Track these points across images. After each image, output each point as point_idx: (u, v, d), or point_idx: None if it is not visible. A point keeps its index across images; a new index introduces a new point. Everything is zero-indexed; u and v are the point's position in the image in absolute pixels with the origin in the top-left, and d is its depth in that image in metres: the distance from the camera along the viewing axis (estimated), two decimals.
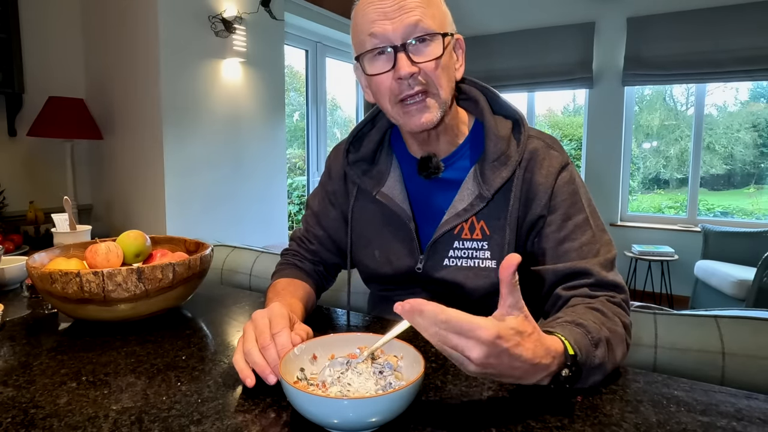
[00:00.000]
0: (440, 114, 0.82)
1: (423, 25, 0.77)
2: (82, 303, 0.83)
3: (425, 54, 0.79)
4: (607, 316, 0.72)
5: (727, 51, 3.76)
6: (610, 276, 0.79)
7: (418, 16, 0.77)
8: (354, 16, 0.84)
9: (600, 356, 0.65)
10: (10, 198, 2.50)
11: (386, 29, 0.77)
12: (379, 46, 0.79)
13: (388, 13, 0.77)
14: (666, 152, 4.43)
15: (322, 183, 1.05)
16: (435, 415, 0.58)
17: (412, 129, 0.83)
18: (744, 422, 0.57)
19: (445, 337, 0.52)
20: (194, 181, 2.82)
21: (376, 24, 0.78)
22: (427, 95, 0.80)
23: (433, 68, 0.79)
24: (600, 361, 0.65)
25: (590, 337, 0.65)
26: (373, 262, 0.96)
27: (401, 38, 0.78)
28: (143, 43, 2.62)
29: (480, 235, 0.87)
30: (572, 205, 0.83)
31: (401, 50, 0.78)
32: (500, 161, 0.85)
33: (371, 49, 0.80)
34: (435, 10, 0.80)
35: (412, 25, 0.77)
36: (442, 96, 0.81)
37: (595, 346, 0.65)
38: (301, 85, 4.23)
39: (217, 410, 0.59)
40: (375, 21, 0.78)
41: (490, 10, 4.59)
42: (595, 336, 0.66)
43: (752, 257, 3.24)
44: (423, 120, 0.81)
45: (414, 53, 0.78)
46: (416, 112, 0.81)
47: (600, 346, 0.65)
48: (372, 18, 0.78)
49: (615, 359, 0.68)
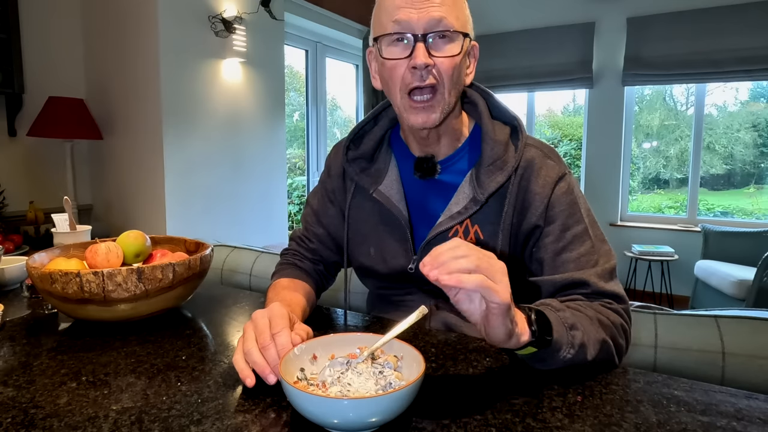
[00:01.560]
0: (442, 116, 0.83)
1: (446, 22, 0.78)
2: (82, 303, 0.83)
3: (443, 50, 0.79)
4: (583, 306, 0.74)
5: (727, 51, 3.75)
6: (608, 286, 0.79)
7: (443, 13, 0.78)
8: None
9: (569, 318, 0.68)
10: (10, 198, 2.50)
11: (411, 17, 0.78)
12: (400, 32, 0.79)
13: (415, 2, 0.78)
14: (666, 152, 4.43)
15: (322, 181, 1.05)
16: (435, 414, 0.58)
17: (414, 125, 0.84)
18: (744, 422, 0.57)
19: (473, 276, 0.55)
20: (194, 181, 2.82)
21: (402, 11, 0.78)
22: (435, 93, 0.81)
23: (448, 66, 0.80)
24: (572, 322, 0.67)
25: (551, 307, 0.70)
26: (368, 259, 0.96)
27: (423, 29, 0.78)
28: (143, 43, 2.62)
29: (474, 240, 0.87)
30: (570, 216, 0.83)
31: (421, 40, 0.78)
32: (496, 166, 0.85)
33: (392, 33, 0.80)
34: (460, 12, 0.81)
35: (436, 20, 0.78)
36: (447, 98, 0.82)
37: (558, 310, 0.69)
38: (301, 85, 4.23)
39: (217, 410, 0.59)
40: (401, 7, 0.78)
41: (490, 10, 4.58)
42: (557, 306, 0.70)
43: (752, 257, 3.24)
44: (425, 119, 0.82)
45: (432, 47, 0.79)
46: (421, 110, 0.82)
47: (565, 312, 0.69)
48: (398, 3, 0.79)
49: (595, 334, 0.70)
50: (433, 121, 0.82)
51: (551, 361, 0.67)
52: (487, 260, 0.57)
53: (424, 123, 0.82)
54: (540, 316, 0.65)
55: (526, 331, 0.62)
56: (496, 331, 0.59)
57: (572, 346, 0.66)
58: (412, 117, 0.83)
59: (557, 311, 0.69)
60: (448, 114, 0.84)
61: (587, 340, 0.68)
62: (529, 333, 0.63)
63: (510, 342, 0.61)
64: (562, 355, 0.66)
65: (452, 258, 0.56)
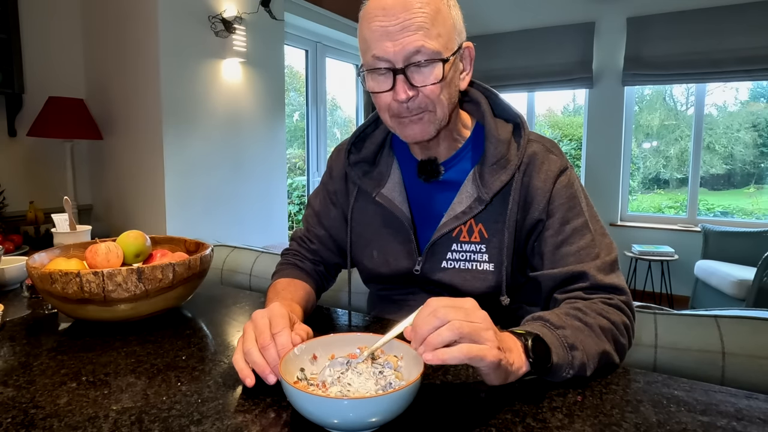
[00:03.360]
0: (435, 129, 0.83)
1: (426, 50, 0.76)
2: (82, 303, 0.83)
3: (426, 77, 0.78)
4: (583, 311, 0.73)
5: (727, 51, 3.75)
6: (607, 279, 0.78)
7: (421, 42, 0.75)
8: (360, 22, 0.82)
9: (570, 336, 0.67)
10: (10, 198, 2.50)
11: (387, 51, 0.76)
12: (379, 67, 0.79)
13: (391, 33, 0.76)
14: (666, 152, 4.43)
15: (324, 182, 1.05)
16: (435, 415, 0.58)
17: (407, 140, 0.85)
18: (744, 422, 0.57)
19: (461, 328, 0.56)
20: (194, 181, 2.82)
21: (379, 45, 0.77)
22: (424, 112, 0.80)
23: (433, 91, 0.78)
24: (572, 341, 0.66)
25: (549, 323, 0.69)
26: (371, 262, 0.96)
27: (402, 62, 0.77)
28: (143, 43, 2.62)
29: (478, 238, 0.87)
30: (570, 209, 0.83)
31: (401, 73, 0.77)
32: (499, 164, 0.85)
33: (372, 69, 0.80)
34: (441, 27, 0.77)
35: (413, 51, 0.75)
36: (439, 114, 0.81)
37: (556, 328, 0.68)
38: (301, 85, 4.23)
39: (217, 410, 0.59)
40: (377, 41, 0.77)
41: (490, 10, 4.58)
42: (555, 322, 0.69)
43: (752, 257, 3.24)
44: (417, 133, 0.82)
45: (414, 77, 0.78)
46: (411, 124, 0.81)
47: (564, 329, 0.68)
48: (375, 36, 0.77)
49: (594, 347, 0.69)
50: (427, 134, 0.82)
51: (550, 378, 0.67)
52: (468, 320, 0.57)
53: (416, 136, 0.82)
54: (537, 342, 0.64)
55: (524, 364, 0.62)
56: (490, 379, 0.60)
57: (572, 367, 0.66)
58: (404, 133, 0.83)
59: (556, 329, 0.68)
60: (443, 126, 0.84)
61: (587, 358, 0.67)
62: (527, 364, 0.63)
63: (509, 380, 0.62)
64: (561, 375, 0.66)
65: (431, 330, 0.56)
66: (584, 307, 0.74)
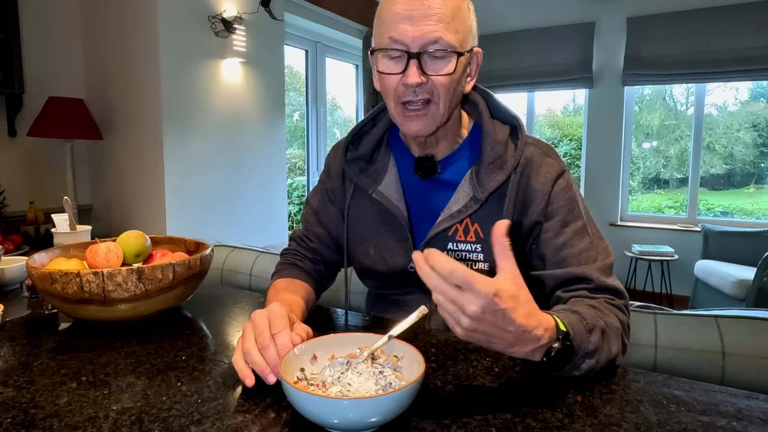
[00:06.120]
0: (436, 126, 0.84)
1: (443, 41, 0.77)
2: (82, 303, 0.83)
3: (438, 68, 0.79)
4: (603, 311, 0.73)
5: (727, 51, 3.75)
6: (609, 281, 0.79)
7: (440, 33, 0.76)
8: (381, 4, 0.82)
9: (594, 342, 0.66)
10: (10, 198, 2.50)
11: (406, 34, 0.77)
12: (394, 48, 0.79)
13: (413, 18, 0.77)
14: (666, 152, 4.43)
15: (322, 181, 1.05)
16: (435, 415, 0.58)
17: (407, 133, 0.85)
18: (744, 422, 0.57)
19: (445, 290, 0.54)
20: (194, 181, 2.82)
21: (399, 27, 0.77)
22: (429, 104, 0.81)
23: (442, 83, 0.79)
24: (594, 347, 0.66)
25: (585, 322, 0.67)
26: (368, 259, 0.96)
27: (418, 47, 0.77)
28: (143, 43, 2.62)
29: (474, 238, 0.87)
30: (570, 212, 0.84)
31: (414, 58, 0.78)
32: (496, 165, 0.86)
33: (387, 48, 0.80)
34: (459, 24, 0.79)
35: (432, 40, 0.76)
36: (441, 110, 0.82)
37: (589, 332, 0.66)
38: (301, 85, 4.23)
39: (217, 410, 0.59)
40: (398, 24, 0.78)
41: (490, 10, 4.58)
42: (590, 322, 0.68)
43: (752, 257, 3.24)
44: (419, 128, 0.83)
45: (427, 64, 0.78)
46: (414, 118, 0.82)
47: (594, 333, 0.67)
48: (397, 19, 0.78)
49: (610, 352, 0.69)
50: (427, 129, 0.83)
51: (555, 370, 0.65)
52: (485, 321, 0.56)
53: (417, 131, 0.83)
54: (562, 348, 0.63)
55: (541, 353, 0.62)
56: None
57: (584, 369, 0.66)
58: (405, 125, 0.84)
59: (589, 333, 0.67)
60: (443, 123, 0.85)
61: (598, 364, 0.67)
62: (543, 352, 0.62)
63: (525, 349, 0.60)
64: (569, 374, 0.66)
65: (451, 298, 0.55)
66: (603, 308, 0.74)
